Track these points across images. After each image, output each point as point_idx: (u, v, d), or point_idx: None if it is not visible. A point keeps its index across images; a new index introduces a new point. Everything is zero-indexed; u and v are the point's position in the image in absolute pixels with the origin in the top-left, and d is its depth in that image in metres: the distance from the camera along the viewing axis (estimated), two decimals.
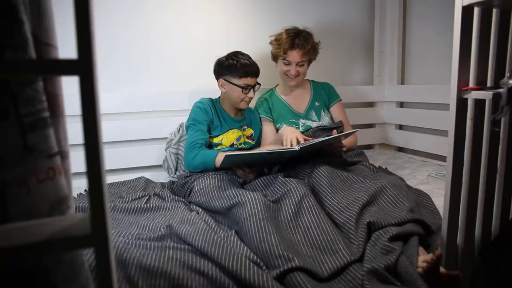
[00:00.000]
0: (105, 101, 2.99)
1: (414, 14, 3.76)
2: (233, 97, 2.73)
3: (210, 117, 2.72)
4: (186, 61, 3.28)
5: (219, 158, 2.47)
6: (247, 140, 2.85)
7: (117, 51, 3.10)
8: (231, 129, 2.77)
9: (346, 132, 2.50)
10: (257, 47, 3.06)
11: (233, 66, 2.68)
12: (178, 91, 3.25)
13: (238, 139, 2.77)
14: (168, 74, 3.27)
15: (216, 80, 2.80)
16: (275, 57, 2.96)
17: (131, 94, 3.12)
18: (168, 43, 3.24)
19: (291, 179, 2.16)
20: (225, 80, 2.72)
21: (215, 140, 2.72)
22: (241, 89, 2.68)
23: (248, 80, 2.68)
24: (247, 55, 2.76)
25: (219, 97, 2.89)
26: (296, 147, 2.29)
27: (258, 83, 2.77)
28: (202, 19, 3.33)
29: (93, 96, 0.66)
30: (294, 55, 2.83)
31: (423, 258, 1.60)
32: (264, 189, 2.30)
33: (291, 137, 2.52)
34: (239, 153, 2.40)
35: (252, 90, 2.73)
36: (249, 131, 2.89)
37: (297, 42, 2.81)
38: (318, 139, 2.41)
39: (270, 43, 2.98)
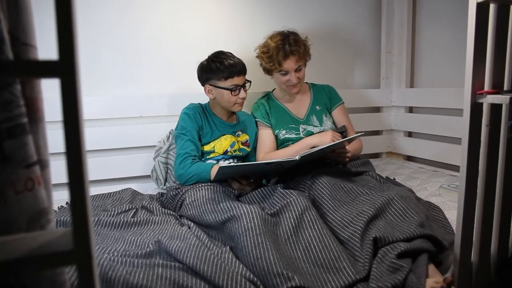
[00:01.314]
0: (88, 106, 2.98)
1: (424, 11, 3.77)
2: (224, 102, 2.72)
3: (199, 123, 2.71)
4: (177, 62, 3.29)
5: (214, 170, 2.46)
6: (242, 146, 2.84)
7: (102, 52, 3.09)
8: (223, 135, 2.76)
9: (350, 137, 2.50)
10: (254, 47, 3.05)
11: (216, 69, 2.66)
12: (168, 94, 3.24)
13: (232, 146, 2.76)
14: (158, 76, 3.27)
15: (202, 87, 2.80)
16: (268, 71, 2.93)
17: (117, 98, 3.11)
18: (158, 43, 3.24)
19: (291, 190, 2.15)
20: (211, 85, 2.71)
21: (207, 148, 2.71)
22: (229, 92, 2.66)
23: (235, 80, 2.66)
24: (230, 54, 2.74)
25: (209, 102, 2.88)
26: (297, 157, 2.27)
27: (248, 81, 2.75)
28: (196, 17, 3.34)
29: (75, 100, 0.66)
30: (290, 64, 2.80)
31: (432, 280, 1.60)
32: (261, 202, 2.28)
33: (331, 135, 2.60)
34: (235, 165, 2.40)
35: (242, 89, 2.71)
36: (244, 137, 2.88)
37: (289, 48, 2.78)
38: (320, 146, 2.40)
39: (257, 56, 2.96)
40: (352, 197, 2.17)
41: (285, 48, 2.78)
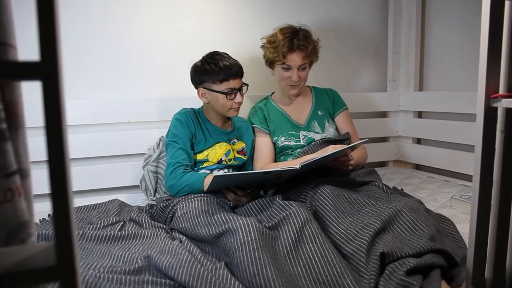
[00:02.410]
0: (73, 110, 2.98)
1: (434, 8, 3.78)
2: (218, 106, 2.70)
3: (192, 130, 2.70)
4: (168, 64, 3.29)
5: (208, 181, 2.43)
6: (237, 155, 2.83)
7: (87, 53, 3.10)
8: (218, 143, 2.75)
9: (353, 144, 2.49)
10: (252, 48, 3.06)
11: (211, 70, 2.64)
12: (159, 98, 3.24)
13: (226, 154, 2.75)
14: (147, 79, 3.27)
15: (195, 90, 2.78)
16: (271, 63, 2.93)
17: (103, 102, 3.11)
18: (149, 43, 3.25)
19: (291, 202, 2.13)
20: (205, 88, 2.69)
21: (199, 157, 2.70)
22: (225, 96, 2.65)
23: (231, 83, 2.65)
24: (226, 54, 2.73)
25: (202, 107, 2.87)
26: (297, 166, 2.26)
27: (245, 84, 2.74)
28: (189, 16, 3.35)
29: (58, 104, 0.66)
30: (295, 58, 2.80)
31: None
32: (259, 214, 2.26)
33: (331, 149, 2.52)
34: (230, 174, 2.39)
35: (238, 93, 2.69)
36: (240, 145, 2.88)
37: (297, 42, 2.78)
38: (321, 154, 2.39)
39: (263, 46, 2.96)
40: (357, 209, 2.16)
41: (293, 42, 2.78)
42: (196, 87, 2.75)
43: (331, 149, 2.54)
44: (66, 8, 2.98)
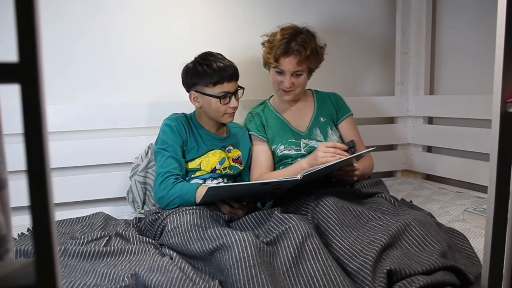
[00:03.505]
0: (54, 116, 2.98)
1: (445, 5, 3.79)
2: (212, 112, 2.69)
3: (183, 137, 2.69)
4: (158, 66, 3.30)
5: (201, 192, 2.42)
6: (232, 163, 2.83)
7: (70, 54, 3.09)
8: (211, 150, 2.74)
9: (359, 153, 2.48)
10: (248, 48, 3.06)
11: (204, 72, 2.62)
12: (147, 103, 3.24)
13: (221, 162, 2.74)
14: (135, 82, 3.27)
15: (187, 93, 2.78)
16: (266, 63, 2.94)
17: (87, 107, 3.10)
18: (136, 44, 3.25)
19: (290, 215, 2.11)
20: (197, 92, 2.68)
21: (191, 165, 2.69)
22: (218, 100, 2.63)
23: (226, 86, 2.63)
24: (220, 55, 2.71)
25: (194, 111, 2.87)
26: (298, 176, 2.25)
27: (241, 87, 2.73)
28: (180, 14, 3.35)
29: (38, 109, 0.66)
30: (288, 63, 2.78)
31: None
32: (256, 228, 2.25)
33: (320, 157, 2.46)
34: (225, 185, 2.38)
35: (233, 97, 2.67)
36: (236, 153, 2.87)
37: (293, 46, 2.75)
38: (324, 164, 2.38)
39: (263, 44, 2.95)
40: (362, 222, 2.15)
41: (289, 45, 2.75)
42: (188, 91, 2.74)
43: (321, 150, 2.53)
44: (46, 4, 2.98)
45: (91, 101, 3.15)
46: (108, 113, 3.13)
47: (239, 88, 2.72)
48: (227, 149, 2.83)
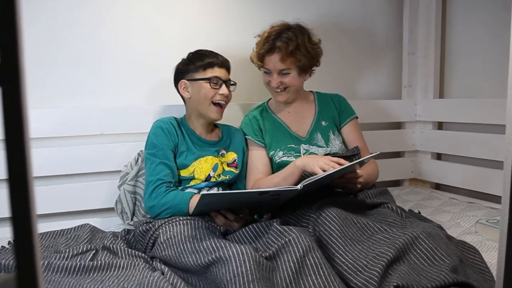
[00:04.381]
0: (37, 121, 2.96)
1: (456, 3, 3.79)
2: (201, 100, 2.72)
3: (174, 140, 2.70)
4: (148, 67, 3.29)
5: (195, 201, 2.40)
6: (228, 168, 2.83)
7: (54, 55, 3.09)
8: (203, 156, 2.75)
9: (362, 159, 2.47)
10: (244, 48, 3.05)
11: (195, 59, 2.73)
12: (137, 107, 3.22)
13: (214, 169, 2.74)
14: (123, 84, 3.27)
15: (176, 90, 2.82)
16: (256, 65, 2.95)
17: (72, 111, 3.08)
18: (124, 44, 3.25)
19: (290, 227, 2.09)
20: (187, 80, 2.75)
21: (184, 173, 2.69)
22: (208, 84, 2.69)
23: (217, 71, 2.71)
24: (212, 51, 2.80)
25: (184, 115, 2.89)
26: (298, 186, 2.24)
27: (233, 82, 2.79)
28: (172, 11, 3.35)
29: (20, 113, 0.66)
30: (272, 61, 2.80)
31: None
32: (253, 241, 2.24)
33: (322, 163, 2.44)
34: (220, 193, 2.37)
35: (224, 85, 2.72)
36: (231, 156, 2.88)
37: (278, 44, 2.76)
38: (325, 173, 2.36)
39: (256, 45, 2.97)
40: (367, 235, 2.14)
41: (274, 42, 2.77)
42: (177, 83, 2.80)
43: (323, 162, 2.49)
44: (28, 3, 2.98)
45: (77, 104, 3.14)
46: (95, 117, 3.11)
47: (231, 81, 2.77)
48: (220, 153, 2.83)
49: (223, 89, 2.70)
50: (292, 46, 2.75)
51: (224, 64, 2.75)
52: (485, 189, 3.38)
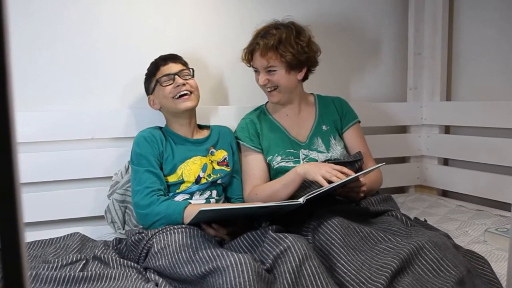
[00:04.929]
0: (24, 125, 2.95)
1: (464, 1, 3.78)
2: (166, 103, 2.79)
3: (159, 148, 2.71)
4: (141, 67, 3.18)
5: (190, 212, 2.41)
6: (218, 167, 2.83)
7: (41, 55, 3.08)
8: (190, 158, 2.75)
9: (366, 170, 2.48)
10: (240, 49, 3.05)
11: (149, 70, 2.85)
12: (129, 110, 3.21)
13: (203, 169, 2.75)
14: (115, 86, 3.26)
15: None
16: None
17: (61, 115, 3.07)
18: (116, 42, 3.24)
19: (286, 234, 2.07)
20: (149, 94, 2.87)
21: (172, 179, 2.69)
22: (160, 85, 2.76)
23: (163, 70, 2.78)
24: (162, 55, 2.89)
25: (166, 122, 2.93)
26: (301, 201, 2.22)
27: (188, 70, 2.84)
28: (167, 10, 3.34)
29: (6, 117, 0.66)
30: (256, 59, 2.84)
31: None
32: (249, 251, 2.22)
33: (325, 171, 2.44)
34: (219, 208, 2.35)
35: (177, 78, 2.75)
36: (221, 154, 2.88)
37: (259, 40, 2.80)
38: (329, 186, 2.34)
39: None
40: (370, 245, 2.14)
41: (255, 39, 2.84)
42: (149, 102, 2.91)
43: (325, 170, 2.47)
44: (13, 0, 2.98)
45: (67, 107, 3.13)
46: (86, 121, 3.10)
47: (185, 68, 2.82)
48: (210, 151, 2.84)
49: (176, 81, 2.73)
50: (272, 41, 2.75)
51: (168, 59, 2.82)
52: (494, 196, 3.37)
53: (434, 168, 3.94)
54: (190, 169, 2.70)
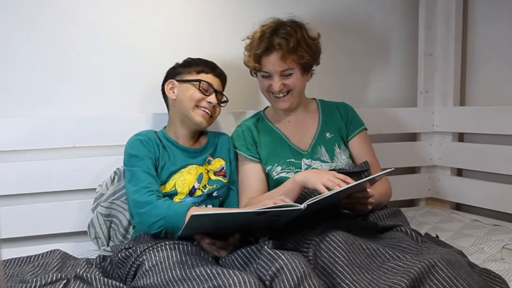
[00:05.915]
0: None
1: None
2: (187, 100, 2.75)
3: (155, 152, 2.70)
4: (127, 71, 3.28)
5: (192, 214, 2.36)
6: (214, 177, 2.83)
7: (17, 55, 3.07)
8: (185, 167, 2.75)
9: (372, 176, 2.45)
10: (236, 49, 3.05)
11: (191, 62, 2.81)
12: (115, 116, 3.20)
13: (199, 180, 2.74)
14: (99, 90, 3.25)
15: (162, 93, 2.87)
16: (250, 69, 2.94)
17: (40, 121, 3.05)
18: (100, 43, 3.24)
19: (282, 251, 2.04)
20: (176, 80, 2.81)
21: (165, 189, 2.69)
22: (197, 86, 2.73)
23: (210, 78, 2.77)
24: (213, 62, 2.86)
25: (165, 127, 2.91)
26: (302, 205, 2.19)
27: (224, 96, 2.84)
28: (156, 9, 3.34)
29: None
30: (272, 62, 2.77)
31: None
32: (243, 267, 2.19)
33: (326, 179, 2.42)
34: (212, 213, 2.30)
35: (214, 94, 2.75)
36: (218, 163, 2.89)
37: (276, 41, 2.74)
38: (330, 192, 2.32)
39: (245, 48, 2.94)
40: (377, 263, 2.12)
41: (271, 40, 2.75)
42: (165, 82, 2.86)
43: (326, 178, 2.45)
44: None
45: (45, 113, 3.12)
46: (67, 128, 3.08)
47: (223, 95, 2.83)
48: (207, 160, 2.85)
49: (212, 98, 2.73)
50: (293, 41, 2.74)
51: (221, 75, 2.81)
52: None
53: (447, 179, 3.95)
54: (185, 179, 2.70)
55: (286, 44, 2.72)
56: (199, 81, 2.71)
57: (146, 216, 2.46)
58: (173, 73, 2.83)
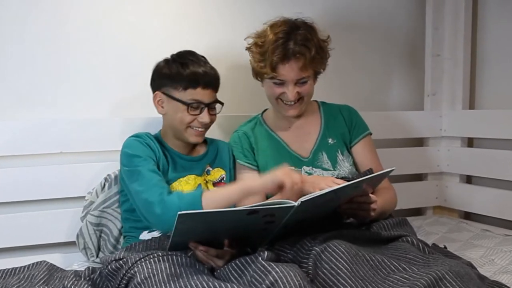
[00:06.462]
0: None
1: None
2: (176, 122, 2.70)
3: (156, 153, 2.68)
4: (118, 72, 3.28)
5: (208, 198, 2.39)
6: (213, 188, 2.82)
7: (4, 56, 3.06)
8: (183, 177, 2.74)
9: (374, 174, 2.44)
10: (233, 48, 3.06)
11: (176, 73, 2.66)
12: (105, 120, 3.20)
13: None
14: (89, 93, 3.24)
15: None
16: (257, 74, 2.88)
17: (26, 125, 3.04)
18: (91, 43, 3.23)
19: (277, 263, 2.01)
20: (163, 93, 2.71)
21: None
22: (186, 108, 2.64)
23: (199, 94, 2.65)
24: (203, 58, 2.76)
25: (160, 130, 2.89)
26: (295, 202, 2.13)
27: (219, 102, 2.76)
28: (152, 7, 3.35)
29: None
30: (290, 71, 2.71)
31: None
32: (237, 280, 2.14)
33: (325, 185, 2.39)
34: (201, 212, 2.24)
35: (206, 110, 2.68)
36: (218, 174, 2.88)
37: (292, 47, 2.68)
38: (327, 189, 2.24)
39: (248, 49, 2.90)
40: (382, 275, 2.11)
41: (287, 46, 2.68)
42: (153, 91, 2.78)
43: (327, 181, 2.45)
44: None
45: (31, 117, 3.11)
46: (54, 133, 3.06)
47: (216, 102, 2.74)
48: (206, 170, 2.83)
49: (204, 116, 2.67)
50: (313, 49, 2.71)
51: (210, 84, 2.69)
52: None
53: (455, 186, 3.95)
54: (182, 190, 2.67)
55: (308, 52, 2.68)
56: (188, 104, 2.63)
57: (164, 215, 2.41)
58: (159, 83, 2.74)
